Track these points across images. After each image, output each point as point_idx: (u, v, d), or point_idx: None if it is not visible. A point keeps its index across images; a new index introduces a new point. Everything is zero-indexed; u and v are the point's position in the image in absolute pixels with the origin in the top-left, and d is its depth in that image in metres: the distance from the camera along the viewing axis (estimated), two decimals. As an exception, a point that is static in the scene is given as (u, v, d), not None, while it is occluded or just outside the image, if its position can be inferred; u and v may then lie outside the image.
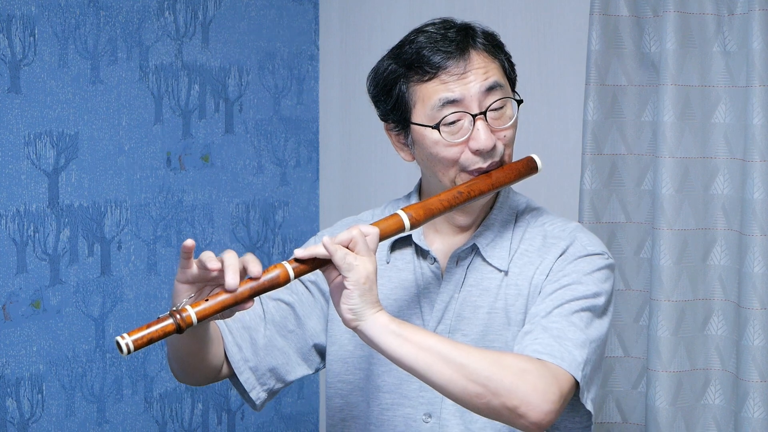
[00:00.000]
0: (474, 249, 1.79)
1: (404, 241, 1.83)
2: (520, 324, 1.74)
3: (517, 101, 1.75)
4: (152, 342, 1.49)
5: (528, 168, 1.77)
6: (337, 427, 1.86)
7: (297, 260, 1.59)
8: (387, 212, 1.85)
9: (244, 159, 2.80)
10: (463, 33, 1.73)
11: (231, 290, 1.54)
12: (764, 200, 2.24)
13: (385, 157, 2.89)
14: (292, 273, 1.58)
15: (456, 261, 1.79)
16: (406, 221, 1.66)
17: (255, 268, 1.56)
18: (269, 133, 2.87)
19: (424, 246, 1.80)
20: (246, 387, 1.83)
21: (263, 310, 1.84)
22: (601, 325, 1.71)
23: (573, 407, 1.70)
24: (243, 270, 1.57)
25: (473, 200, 1.72)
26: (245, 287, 1.55)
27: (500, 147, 1.73)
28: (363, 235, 1.59)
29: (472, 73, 1.70)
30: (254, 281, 1.56)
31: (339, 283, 1.59)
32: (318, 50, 3.00)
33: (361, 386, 1.82)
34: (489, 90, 1.71)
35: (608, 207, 2.45)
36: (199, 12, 2.66)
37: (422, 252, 1.81)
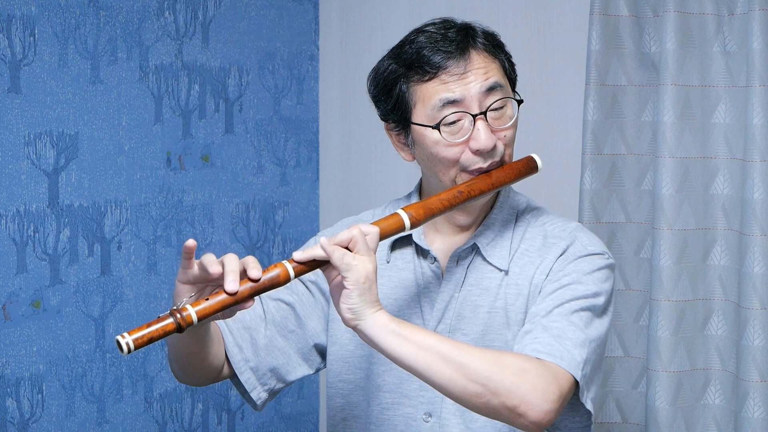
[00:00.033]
0: (474, 248, 1.79)
1: (404, 241, 1.83)
2: (520, 323, 1.74)
3: (518, 101, 1.75)
4: (152, 341, 1.49)
5: (528, 168, 1.77)
6: (338, 427, 1.86)
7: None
8: (387, 212, 1.84)
9: (244, 159, 2.80)
10: (464, 33, 1.73)
11: (231, 294, 1.54)
12: (764, 200, 2.24)
13: (385, 157, 2.89)
14: (292, 272, 1.58)
15: (456, 260, 1.79)
16: (407, 220, 1.66)
17: (255, 273, 1.56)
18: (269, 133, 2.87)
19: (425, 245, 1.80)
20: (247, 387, 1.83)
21: (263, 311, 1.84)
22: (601, 325, 1.71)
23: (573, 407, 1.70)
24: (243, 271, 1.57)
25: (473, 200, 1.72)
26: (245, 287, 1.55)
27: (500, 147, 1.73)
28: (363, 235, 1.59)
29: (473, 73, 1.70)
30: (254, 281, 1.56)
31: (339, 283, 1.59)
32: (318, 50, 3.00)
33: (362, 386, 1.82)
34: (489, 90, 1.71)
35: (608, 207, 2.45)
36: (199, 12, 2.66)
37: (422, 251, 1.81)
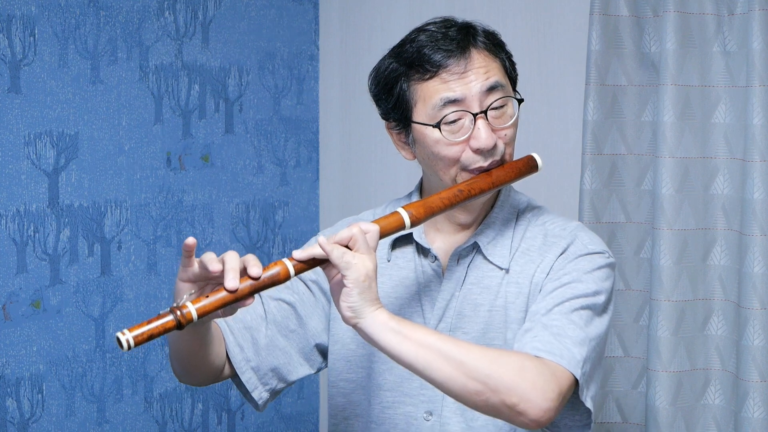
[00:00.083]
0: (475, 247, 1.79)
1: (405, 240, 1.83)
2: (521, 322, 1.74)
3: (518, 100, 1.75)
4: (153, 338, 1.49)
5: (528, 166, 1.77)
6: (340, 426, 1.86)
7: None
8: (388, 212, 1.84)
9: (244, 159, 2.80)
10: (464, 32, 1.73)
11: (231, 292, 1.54)
12: (764, 200, 2.24)
13: (385, 157, 2.89)
14: (293, 270, 1.58)
15: (457, 259, 1.79)
16: (407, 219, 1.66)
17: (255, 271, 1.56)
18: (269, 133, 2.87)
19: (425, 244, 1.80)
20: (248, 387, 1.83)
21: (264, 310, 1.84)
22: (601, 324, 1.71)
23: (573, 405, 1.70)
24: (243, 269, 1.57)
25: (474, 198, 1.72)
26: (245, 284, 1.55)
27: (501, 146, 1.73)
28: (363, 233, 1.59)
29: (473, 72, 1.70)
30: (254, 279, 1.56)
31: (339, 281, 1.59)
32: (318, 50, 3.00)
33: (363, 385, 1.82)
34: (490, 89, 1.71)
35: (608, 207, 2.45)
36: (199, 12, 2.66)
37: (423, 250, 1.81)
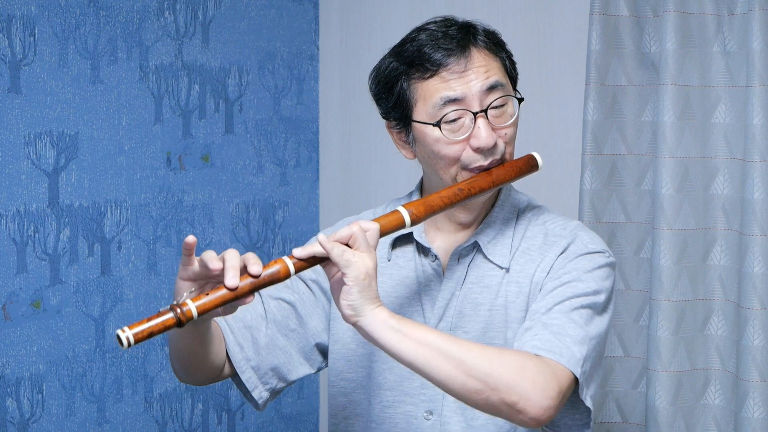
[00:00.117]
0: (475, 246, 1.79)
1: (405, 239, 1.83)
2: (521, 321, 1.74)
3: (518, 99, 1.76)
4: (152, 335, 1.49)
5: (529, 166, 1.77)
6: (340, 426, 1.86)
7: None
8: (388, 211, 1.84)
9: (244, 159, 2.80)
10: (465, 31, 1.73)
11: (231, 290, 1.54)
12: (764, 200, 2.24)
13: (385, 157, 2.89)
14: (293, 268, 1.58)
15: (457, 258, 1.79)
16: (407, 217, 1.66)
17: (255, 269, 1.56)
18: (269, 133, 2.87)
19: (426, 243, 1.80)
20: (248, 386, 1.83)
21: (264, 310, 1.84)
22: (601, 323, 1.71)
23: (573, 404, 1.70)
24: (243, 267, 1.57)
25: (474, 197, 1.72)
26: (245, 282, 1.55)
27: (501, 145, 1.73)
28: (363, 231, 1.59)
29: (473, 71, 1.70)
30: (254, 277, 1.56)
31: (339, 279, 1.59)
32: (318, 50, 3.00)
33: (363, 384, 1.82)
34: (490, 89, 1.71)
35: (608, 207, 2.45)
36: (199, 12, 2.66)
37: (423, 249, 1.81)
